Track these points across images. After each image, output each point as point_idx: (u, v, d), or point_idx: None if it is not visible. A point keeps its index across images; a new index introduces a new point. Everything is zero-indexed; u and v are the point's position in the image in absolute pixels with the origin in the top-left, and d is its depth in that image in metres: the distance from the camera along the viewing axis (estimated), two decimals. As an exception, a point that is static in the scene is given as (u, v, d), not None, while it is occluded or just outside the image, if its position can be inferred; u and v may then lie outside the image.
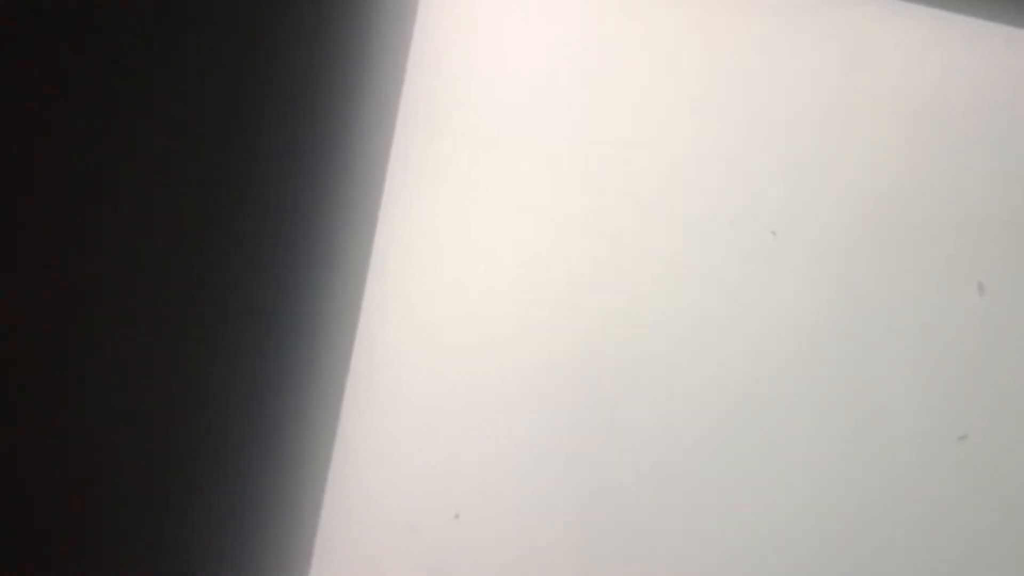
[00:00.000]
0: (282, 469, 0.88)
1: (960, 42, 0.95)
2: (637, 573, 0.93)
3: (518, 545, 0.92)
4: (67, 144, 0.86)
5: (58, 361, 0.85)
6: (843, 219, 0.94)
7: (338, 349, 0.90)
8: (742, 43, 0.94)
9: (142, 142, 0.87)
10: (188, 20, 0.87)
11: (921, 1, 0.94)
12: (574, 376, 0.93)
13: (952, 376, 0.94)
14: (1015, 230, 0.94)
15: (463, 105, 0.93)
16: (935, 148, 0.95)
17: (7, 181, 0.85)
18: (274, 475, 0.88)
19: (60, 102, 0.86)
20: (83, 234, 0.86)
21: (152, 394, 0.86)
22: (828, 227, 0.94)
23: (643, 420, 0.93)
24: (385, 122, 0.91)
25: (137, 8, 0.86)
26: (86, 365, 0.86)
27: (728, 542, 0.93)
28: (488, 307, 0.93)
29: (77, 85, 0.86)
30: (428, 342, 0.92)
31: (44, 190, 0.86)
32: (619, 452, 0.93)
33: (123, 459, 0.86)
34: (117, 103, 0.86)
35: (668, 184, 0.94)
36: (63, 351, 0.85)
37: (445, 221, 0.93)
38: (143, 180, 0.86)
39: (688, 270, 0.94)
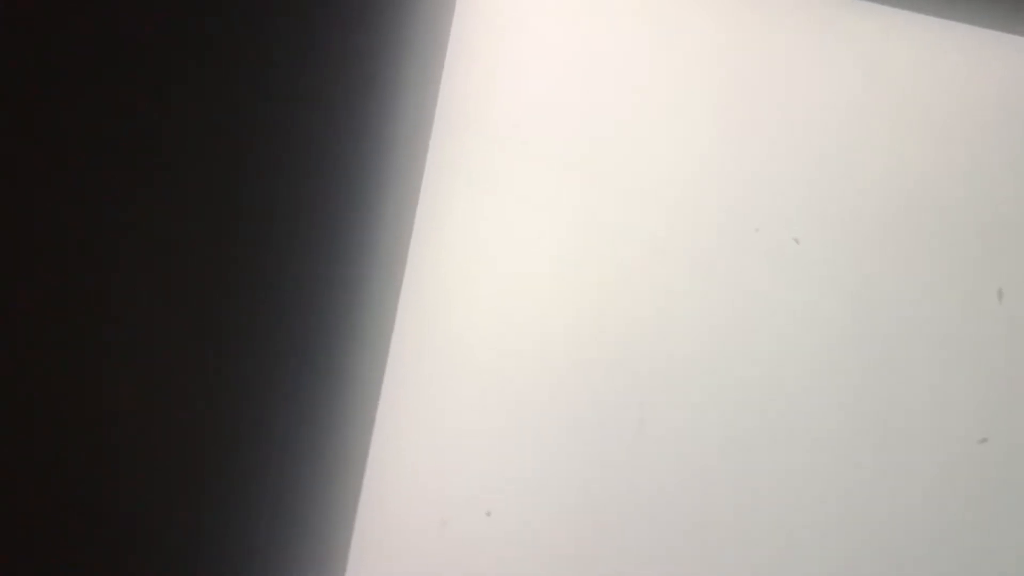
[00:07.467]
0: (321, 468, 0.90)
1: (982, 52, 0.95)
2: (664, 573, 0.94)
3: (548, 543, 0.94)
4: (100, 142, 0.85)
5: (95, 364, 0.86)
6: (865, 225, 0.95)
7: (374, 349, 0.92)
8: (767, 50, 0.95)
9: (171, 142, 0.86)
10: (222, 19, 0.86)
11: (944, 15, 0.95)
12: (603, 378, 0.94)
13: (973, 380, 0.95)
14: (1035, 237, 0.96)
15: (497, 110, 0.94)
16: (956, 154, 0.95)
17: (41, 180, 0.86)
18: (313, 473, 0.89)
19: (85, 96, 0.85)
20: (115, 238, 0.86)
21: (189, 390, 0.87)
22: (851, 233, 0.95)
23: (670, 422, 0.94)
24: (422, 125, 0.92)
25: (170, 6, 0.86)
26: (121, 368, 0.86)
27: (753, 543, 0.94)
28: (519, 309, 0.94)
29: (111, 78, 0.85)
30: (462, 343, 0.94)
31: (79, 186, 0.85)
32: (647, 453, 0.94)
33: (160, 454, 0.87)
34: (147, 102, 0.86)
35: (696, 189, 0.95)
36: (99, 354, 0.86)
37: (478, 224, 0.94)
38: (173, 181, 0.86)
39: (714, 275, 0.95)
